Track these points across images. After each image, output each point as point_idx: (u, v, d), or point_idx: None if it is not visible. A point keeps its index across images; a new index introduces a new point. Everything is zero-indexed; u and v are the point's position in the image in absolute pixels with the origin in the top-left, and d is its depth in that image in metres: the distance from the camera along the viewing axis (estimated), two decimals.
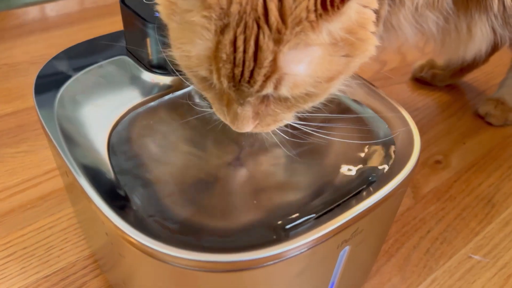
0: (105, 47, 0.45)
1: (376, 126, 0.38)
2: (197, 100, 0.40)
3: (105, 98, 0.39)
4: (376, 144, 0.36)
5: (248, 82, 0.29)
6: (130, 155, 0.34)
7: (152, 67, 0.42)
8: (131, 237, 0.27)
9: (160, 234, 0.28)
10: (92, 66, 0.42)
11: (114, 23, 0.88)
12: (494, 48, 0.64)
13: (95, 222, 0.33)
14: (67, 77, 0.40)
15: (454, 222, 0.52)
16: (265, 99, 0.32)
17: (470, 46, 0.59)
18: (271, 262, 0.27)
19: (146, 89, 0.41)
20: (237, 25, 0.28)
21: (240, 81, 0.29)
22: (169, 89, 0.41)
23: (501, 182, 0.58)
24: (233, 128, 0.33)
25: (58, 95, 0.38)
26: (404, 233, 0.51)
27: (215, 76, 0.30)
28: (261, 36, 0.28)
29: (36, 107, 0.37)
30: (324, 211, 0.30)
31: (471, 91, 0.76)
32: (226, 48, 0.29)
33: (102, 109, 0.38)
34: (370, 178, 0.33)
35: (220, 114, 0.34)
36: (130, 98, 0.39)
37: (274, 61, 0.28)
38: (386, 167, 0.34)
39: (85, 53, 0.44)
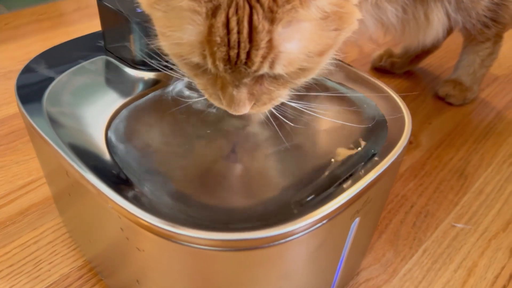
0: (82, 48, 0.44)
1: (365, 105, 0.39)
2: (186, 93, 0.40)
3: (94, 97, 0.38)
4: (370, 120, 0.37)
5: (245, 63, 0.29)
6: (130, 149, 0.34)
7: (136, 64, 0.41)
8: (152, 224, 0.26)
9: (180, 218, 0.27)
10: (73, 67, 0.41)
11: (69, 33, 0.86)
12: (448, 32, 0.69)
13: (104, 221, 0.32)
14: (50, 80, 0.39)
15: (433, 195, 0.55)
16: (259, 78, 0.32)
17: (428, 32, 0.62)
18: (296, 236, 0.28)
19: (133, 86, 0.40)
20: (228, 6, 0.28)
21: (236, 63, 0.29)
22: (156, 84, 0.40)
23: (469, 156, 0.62)
24: (230, 111, 0.33)
25: (44, 98, 0.37)
26: (390, 210, 0.53)
27: (209, 61, 0.30)
28: (255, 16, 0.28)
29: (24, 112, 0.35)
30: (337, 184, 0.31)
31: (428, 75, 0.80)
32: (219, 30, 0.28)
33: (93, 108, 0.37)
34: (372, 151, 0.34)
35: (214, 100, 0.34)
36: (119, 95, 0.39)
37: (270, 41, 0.28)
38: (383, 141, 0.35)
39: (63, 56, 0.43)
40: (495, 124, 0.68)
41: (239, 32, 0.28)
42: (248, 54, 0.29)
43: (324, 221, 0.29)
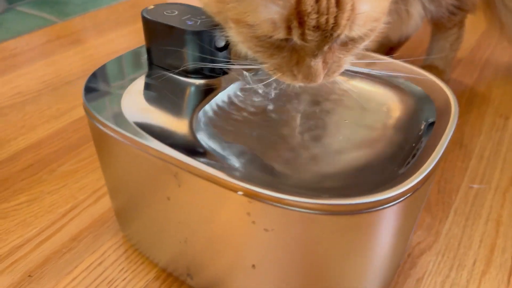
0: (129, 65, 0.46)
1: (408, 85, 0.45)
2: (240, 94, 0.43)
3: (167, 105, 0.40)
4: (419, 94, 0.42)
5: (332, 28, 0.33)
6: (223, 144, 0.36)
7: (189, 73, 0.43)
8: (287, 199, 0.29)
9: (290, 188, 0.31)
10: (132, 81, 0.42)
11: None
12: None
13: (220, 212, 0.33)
14: (118, 95, 0.40)
15: (445, 165, 0.61)
16: (331, 47, 0.35)
17: (410, 24, 0.70)
18: (402, 198, 0.31)
19: (195, 92, 0.42)
20: None
21: (324, 29, 0.33)
22: (213, 89, 0.43)
23: (462, 128, 0.69)
24: (306, 83, 0.36)
25: (123, 110, 0.38)
26: None
27: (297, 32, 0.33)
28: None
29: (111, 125, 0.36)
30: (419, 151, 0.35)
31: None
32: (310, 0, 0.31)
33: (171, 115, 0.39)
34: (429, 120, 0.39)
35: (287, 77, 0.37)
36: (188, 101, 0.41)
37: (353, 3, 0.32)
38: (434, 112, 0.40)
39: (115, 73, 0.44)
40: (473, 100, 0.77)
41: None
42: (335, 19, 0.32)
43: (419, 187, 0.32)
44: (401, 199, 0.31)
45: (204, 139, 0.36)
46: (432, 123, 0.39)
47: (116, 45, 0.94)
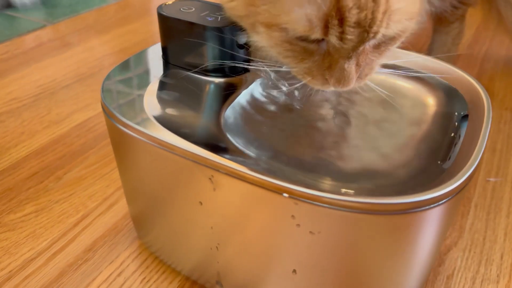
0: (145, 65, 0.44)
1: (432, 78, 0.44)
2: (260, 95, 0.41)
3: (191, 104, 0.38)
4: (448, 88, 0.42)
5: (369, 24, 0.31)
6: (255, 144, 0.34)
7: (209, 72, 0.41)
8: (336, 199, 0.28)
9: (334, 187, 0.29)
10: (151, 82, 0.40)
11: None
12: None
13: (263, 216, 0.32)
14: (139, 96, 0.38)
15: None
16: (364, 49, 0.34)
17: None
18: (451, 196, 0.30)
19: (217, 90, 0.40)
20: None
21: (363, 25, 0.31)
22: (238, 87, 0.41)
23: None
24: (338, 87, 0.35)
25: (147, 111, 0.36)
26: None
27: (336, 31, 0.31)
28: None
29: (140, 128, 0.34)
30: (460, 142, 0.34)
31: None
32: None
33: (196, 113, 0.37)
34: (462, 113, 0.38)
35: (317, 81, 0.36)
36: (212, 99, 0.39)
37: None
38: (465, 105, 0.40)
39: (132, 73, 0.42)
40: None
41: None
42: (373, 13, 0.31)
43: (467, 182, 0.31)
44: (451, 196, 0.30)
45: (235, 139, 0.34)
46: (465, 116, 0.38)
47: (111, 47, 0.92)
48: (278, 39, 0.35)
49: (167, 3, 0.43)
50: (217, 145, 0.33)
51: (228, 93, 0.40)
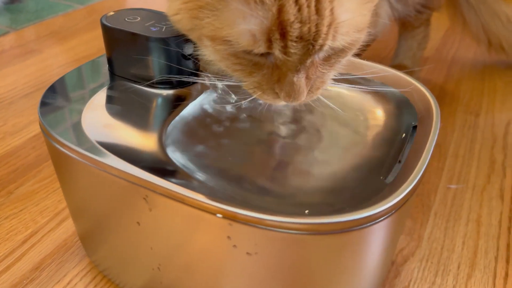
0: (90, 76, 0.42)
1: (383, 88, 0.43)
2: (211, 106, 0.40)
3: (132, 119, 0.37)
4: (400, 98, 0.41)
5: (314, 38, 0.31)
6: (196, 160, 0.33)
7: (155, 84, 0.40)
8: (273, 221, 0.27)
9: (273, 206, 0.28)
10: (93, 95, 0.39)
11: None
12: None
13: (198, 237, 0.31)
14: (78, 111, 0.37)
15: None
16: (313, 61, 0.33)
17: (378, 25, 0.69)
18: (393, 212, 0.29)
19: (162, 103, 0.39)
20: None
21: (307, 38, 0.31)
22: (182, 99, 0.40)
23: None
24: (288, 101, 0.34)
25: (84, 128, 0.35)
26: None
27: (279, 45, 0.31)
28: None
29: (72, 146, 0.33)
30: (405, 156, 0.34)
31: None
32: (292, 8, 0.30)
33: (137, 130, 0.35)
34: (412, 123, 0.38)
35: (268, 95, 0.35)
36: (156, 114, 0.38)
37: (332, 10, 0.30)
38: (415, 115, 0.39)
39: (75, 86, 0.40)
40: (443, 98, 0.77)
41: (308, 6, 0.30)
42: (317, 27, 0.30)
43: (410, 196, 0.31)
44: (392, 212, 0.29)
45: (175, 155, 0.33)
46: (415, 127, 0.38)
47: (76, 54, 0.89)
48: (224, 53, 0.34)
49: (112, 13, 0.42)
50: (154, 164, 0.32)
51: (174, 106, 0.39)
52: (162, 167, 0.32)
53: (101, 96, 0.39)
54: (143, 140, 0.34)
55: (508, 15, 0.79)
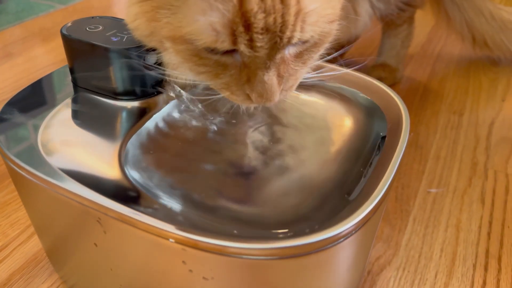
0: (51, 88, 0.41)
1: (355, 95, 0.42)
2: (177, 115, 0.39)
3: (91, 135, 0.35)
4: (370, 107, 0.40)
5: (281, 29, 0.29)
6: (155, 177, 0.32)
7: (117, 95, 0.39)
8: (226, 246, 0.26)
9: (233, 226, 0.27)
10: (53, 109, 0.37)
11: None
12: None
13: (153, 261, 0.30)
14: (35, 127, 0.35)
15: (401, 169, 0.60)
16: (284, 58, 0.32)
17: (358, 24, 0.67)
18: (356, 230, 0.28)
19: (125, 116, 0.38)
20: None
21: (273, 30, 0.29)
22: (145, 111, 0.39)
23: (416, 128, 0.68)
24: (261, 103, 0.32)
25: (39, 146, 0.33)
26: None
27: (244, 39, 0.29)
28: None
29: (24, 165, 0.32)
30: (371, 169, 0.33)
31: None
32: None
33: (95, 146, 0.34)
34: (381, 134, 0.37)
35: (238, 97, 0.33)
36: (116, 128, 0.37)
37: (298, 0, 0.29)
38: (385, 124, 0.38)
39: (35, 100, 0.39)
40: (427, 97, 0.76)
41: None
42: (283, 17, 0.29)
43: (373, 213, 0.30)
44: (354, 231, 0.28)
45: (134, 174, 0.32)
46: (384, 138, 0.37)
47: (55, 56, 0.88)
48: (186, 53, 0.32)
49: (69, 24, 0.40)
50: (110, 185, 0.31)
51: (136, 119, 0.38)
52: (118, 188, 0.30)
53: (61, 110, 0.38)
54: (101, 159, 0.33)
55: (492, 11, 0.78)
